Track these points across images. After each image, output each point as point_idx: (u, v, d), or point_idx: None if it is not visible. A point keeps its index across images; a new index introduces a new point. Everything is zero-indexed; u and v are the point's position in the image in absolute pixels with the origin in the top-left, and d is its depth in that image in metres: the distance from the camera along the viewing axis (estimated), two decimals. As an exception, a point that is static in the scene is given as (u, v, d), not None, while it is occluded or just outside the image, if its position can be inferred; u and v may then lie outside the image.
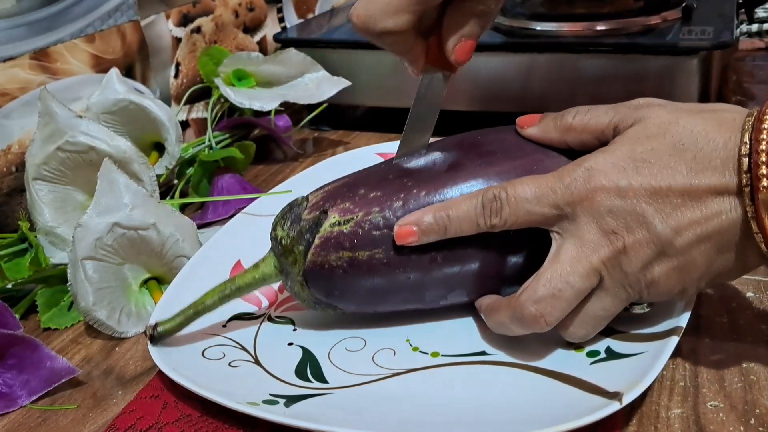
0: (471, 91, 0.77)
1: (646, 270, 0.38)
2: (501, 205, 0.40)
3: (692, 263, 0.38)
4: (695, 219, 0.37)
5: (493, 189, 0.41)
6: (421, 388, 0.42)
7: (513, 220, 0.40)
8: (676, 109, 0.40)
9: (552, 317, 0.39)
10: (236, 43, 0.87)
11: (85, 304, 0.48)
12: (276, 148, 0.81)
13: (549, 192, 0.39)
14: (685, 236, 0.37)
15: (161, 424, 0.41)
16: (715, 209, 0.37)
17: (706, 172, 0.37)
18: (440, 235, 0.42)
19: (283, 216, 0.46)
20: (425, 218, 0.42)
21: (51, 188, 0.57)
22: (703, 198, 0.37)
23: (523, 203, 0.40)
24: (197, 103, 0.81)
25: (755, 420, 0.38)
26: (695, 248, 0.38)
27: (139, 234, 0.50)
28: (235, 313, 0.50)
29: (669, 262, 0.38)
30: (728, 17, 0.75)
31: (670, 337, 0.40)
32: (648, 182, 0.37)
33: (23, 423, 0.43)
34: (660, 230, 0.37)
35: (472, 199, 0.42)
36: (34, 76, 0.62)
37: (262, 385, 0.42)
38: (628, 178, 0.38)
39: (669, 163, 0.37)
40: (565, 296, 0.39)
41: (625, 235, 0.38)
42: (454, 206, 0.42)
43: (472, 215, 0.41)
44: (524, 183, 0.40)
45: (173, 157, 0.65)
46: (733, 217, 0.37)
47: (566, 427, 0.35)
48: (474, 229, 0.42)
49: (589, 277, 0.39)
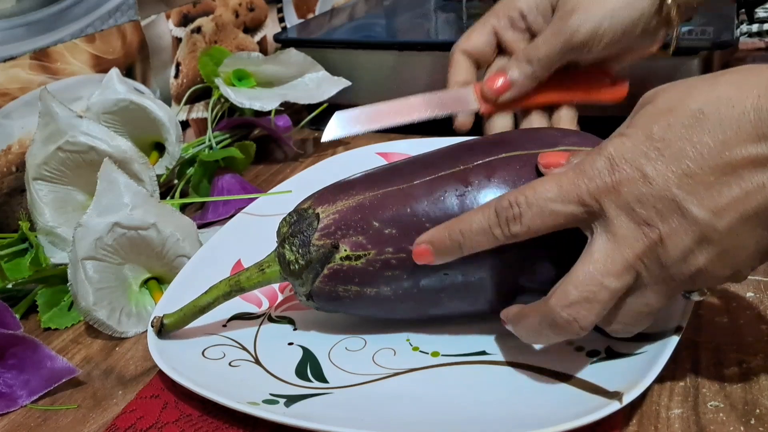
0: (471, 91, 0.77)
1: (688, 260, 0.35)
2: (520, 211, 0.37)
3: (740, 245, 0.34)
4: (735, 197, 0.33)
5: (508, 195, 0.37)
6: (422, 387, 0.42)
7: (538, 225, 0.37)
8: (690, 82, 0.36)
9: (586, 321, 0.36)
10: (236, 43, 0.87)
11: (85, 304, 0.48)
12: (276, 148, 0.81)
13: (573, 188, 0.36)
14: (727, 217, 0.33)
15: (161, 423, 0.41)
16: (756, 182, 0.33)
17: (738, 142, 0.33)
18: (457, 253, 0.40)
19: (291, 233, 0.44)
20: (439, 236, 0.40)
21: (51, 188, 0.57)
22: (739, 171, 0.33)
23: (547, 204, 0.36)
24: (197, 103, 0.81)
25: (755, 420, 0.38)
26: (740, 228, 0.34)
27: (140, 234, 0.50)
28: (235, 313, 0.50)
29: (713, 248, 0.34)
30: (728, 17, 0.75)
31: (671, 337, 0.40)
32: (673, 164, 0.34)
33: (23, 423, 0.43)
34: (697, 215, 0.34)
35: (484, 210, 0.38)
36: (35, 76, 0.62)
37: (262, 385, 0.42)
38: (652, 162, 0.34)
39: (691, 137, 0.34)
40: (599, 298, 0.36)
41: (659, 224, 0.34)
42: (465, 220, 0.39)
43: (485, 227, 0.38)
44: (544, 182, 0.37)
45: (173, 157, 0.65)
46: None
47: (566, 426, 0.35)
48: (492, 242, 0.38)
49: (625, 275, 0.35)
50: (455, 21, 0.88)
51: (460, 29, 0.84)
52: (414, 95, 0.55)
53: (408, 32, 0.86)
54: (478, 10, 0.89)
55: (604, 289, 0.35)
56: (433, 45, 0.79)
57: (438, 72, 0.79)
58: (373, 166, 0.48)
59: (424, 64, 0.78)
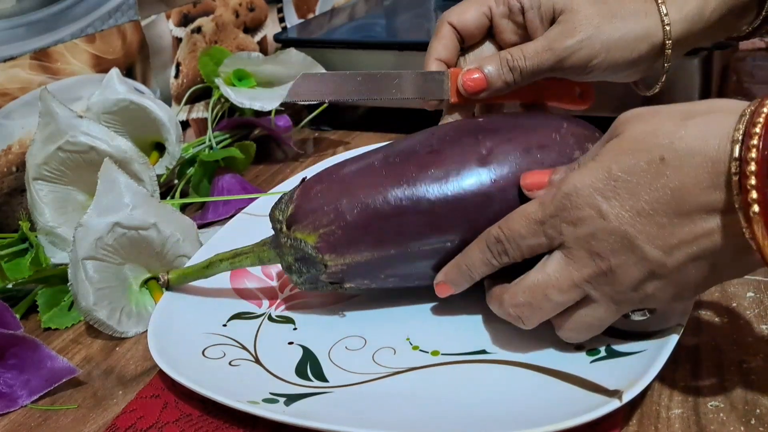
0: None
1: (638, 288, 0.37)
2: (504, 247, 0.41)
3: (687, 279, 0.37)
4: (684, 238, 0.35)
5: (492, 231, 0.42)
6: (421, 386, 0.42)
7: (520, 255, 0.41)
8: (658, 117, 0.37)
9: (529, 321, 0.41)
10: (237, 43, 0.87)
11: (85, 304, 0.48)
12: (276, 148, 0.81)
13: (538, 225, 0.39)
14: (676, 256, 0.36)
15: (162, 423, 0.41)
16: (706, 228, 0.35)
17: (694, 190, 0.34)
18: (470, 282, 0.44)
19: (297, 269, 0.47)
20: (451, 273, 0.45)
21: (51, 188, 0.57)
22: (692, 216, 0.35)
23: (520, 240, 0.40)
24: (198, 103, 0.81)
25: (756, 420, 0.38)
26: (689, 266, 0.36)
27: (140, 234, 0.50)
28: (235, 313, 0.50)
29: (662, 280, 0.37)
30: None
31: (671, 336, 0.40)
32: (629, 204, 0.36)
33: (24, 423, 0.43)
34: (648, 252, 0.36)
35: (479, 245, 0.43)
36: (35, 76, 0.62)
37: (262, 384, 0.42)
38: (608, 200, 0.36)
39: (648, 181, 0.35)
40: (542, 306, 0.40)
41: (610, 257, 0.37)
42: (467, 256, 0.43)
43: (484, 260, 0.42)
44: (515, 219, 0.41)
45: (174, 157, 0.65)
46: (726, 235, 0.34)
47: (566, 425, 0.35)
48: (494, 269, 0.43)
49: (570, 292, 0.39)
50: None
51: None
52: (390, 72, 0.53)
53: (408, 32, 0.86)
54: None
55: (547, 300, 0.39)
56: (433, 45, 0.79)
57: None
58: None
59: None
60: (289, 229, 0.46)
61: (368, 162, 0.47)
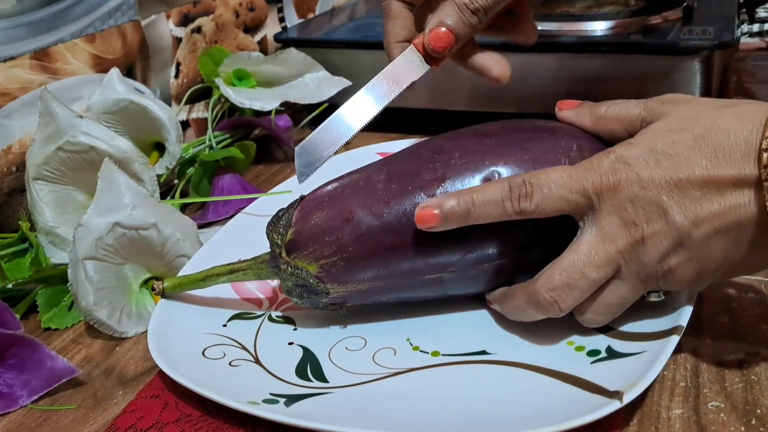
0: (471, 91, 0.77)
1: (663, 261, 0.39)
2: (532, 190, 0.40)
3: (709, 255, 0.38)
4: (714, 211, 0.37)
5: (522, 175, 0.41)
6: (422, 387, 0.42)
7: (545, 205, 0.40)
8: (699, 105, 0.40)
9: (566, 304, 0.40)
10: (237, 43, 0.87)
11: (85, 304, 0.48)
12: (276, 148, 0.81)
13: (581, 180, 0.40)
14: (703, 228, 0.37)
15: (162, 423, 0.41)
16: (734, 201, 0.37)
17: (726, 165, 0.37)
18: (463, 221, 0.42)
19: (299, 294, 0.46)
20: (448, 202, 0.42)
21: (51, 188, 0.57)
22: (722, 190, 0.37)
23: (558, 189, 0.40)
24: (198, 103, 0.81)
25: (756, 420, 0.38)
26: (713, 240, 0.38)
27: (140, 234, 0.50)
28: (235, 313, 0.50)
29: (686, 253, 0.38)
30: (729, 17, 0.75)
31: (671, 337, 0.40)
32: (668, 174, 0.38)
33: (24, 423, 0.43)
34: (678, 222, 0.38)
35: (499, 183, 0.41)
36: (35, 76, 0.62)
37: (262, 385, 0.42)
38: (650, 170, 0.38)
39: (689, 156, 0.38)
40: (580, 285, 0.40)
41: (644, 225, 0.38)
42: (479, 189, 0.42)
43: (498, 198, 0.41)
44: (556, 170, 0.41)
45: (174, 157, 0.65)
46: (752, 210, 0.36)
47: (566, 426, 0.35)
48: (499, 214, 0.41)
49: (605, 267, 0.39)
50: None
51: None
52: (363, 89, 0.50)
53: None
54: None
55: (585, 278, 0.40)
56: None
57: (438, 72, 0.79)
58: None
59: (425, 64, 0.78)
60: (288, 255, 0.45)
61: (370, 185, 0.45)
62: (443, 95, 0.79)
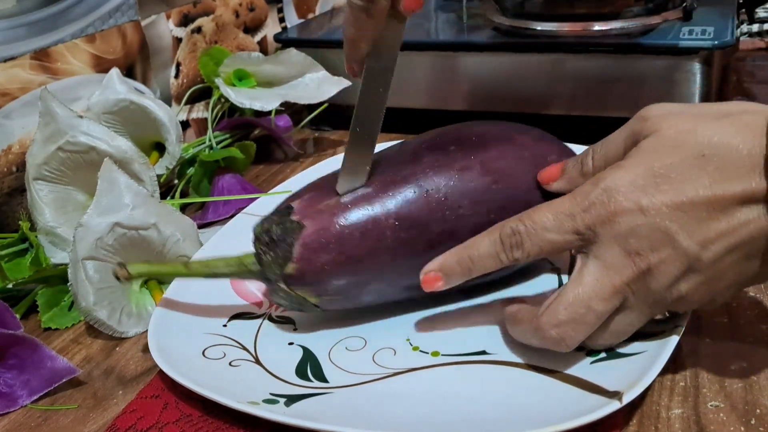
0: (471, 91, 0.77)
1: (673, 287, 0.37)
2: (521, 239, 0.39)
3: (721, 275, 0.37)
4: (722, 231, 0.36)
5: (509, 223, 0.40)
6: (422, 387, 0.42)
7: (537, 251, 0.40)
8: (692, 116, 0.38)
9: (573, 341, 0.39)
10: (237, 43, 0.87)
11: (85, 304, 0.48)
12: (276, 148, 0.81)
13: (568, 218, 0.38)
14: (713, 249, 0.36)
15: (162, 423, 0.41)
16: (742, 218, 0.35)
17: (731, 181, 0.35)
18: (466, 277, 0.42)
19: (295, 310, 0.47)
20: (448, 263, 0.42)
21: (51, 188, 0.57)
22: (728, 208, 0.36)
23: (544, 233, 0.39)
24: (198, 103, 0.81)
25: (756, 420, 0.38)
26: (724, 260, 0.36)
27: (140, 234, 0.50)
28: (235, 313, 0.50)
29: (697, 277, 0.37)
30: (729, 17, 0.75)
31: (671, 337, 0.40)
32: (670, 198, 0.36)
33: (24, 423, 0.43)
34: (686, 246, 0.36)
35: (490, 236, 0.41)
36: (35, 76, 0.62)
37: (262, 385, 0.42)
38: (649, 196, 0.36)
39: (690, 176, 0.36)
40: (587, 320, 0.38)
41: (649, 255, 0.37)
42: (474, 247, 0.41)
43: (492, 252, 0.41)
44: (541, 211, 0.39)
45: (174, 157, 0.65)
46: (762, 224, 0.35)
47: (566, 426, 0.35)
48: (498, 265, 0.41)
49: (612, 299, 0.38)
50: (455, 21, 0.88)
51: (460, 29, 0.84)
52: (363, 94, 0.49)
53: (408, 32, 0.86)
54: (478, 10, 0.89)
55: (592, 311, 0.38)
56: (433, 45, 0.79)
57: (438, 72, 0.79)
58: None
59: (424, 64, 0.78)
60: (287, 285, 0.45)
61: (379, 230, 0.44)
62: (443, 95, 0.79)
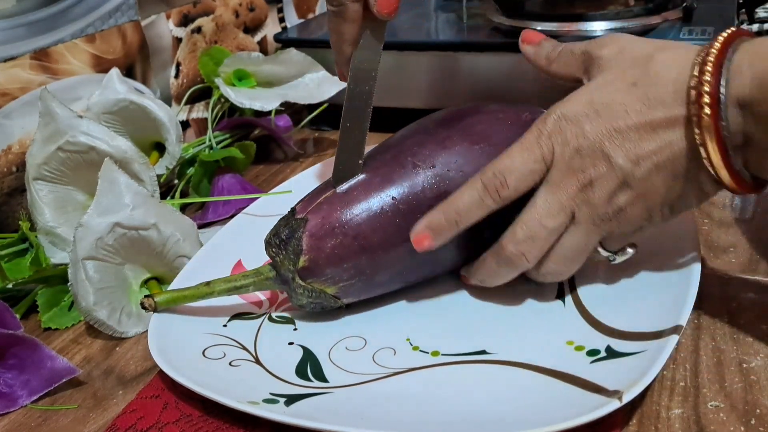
0: (471, 91, 0.77)
1: (612, 200, 0.42)
2: (504, 179, 0.43)
3: (652, 189, 0.41)
4: (651, 150, 0.40)
5: (488, 168, 0.43)
6: (422, 387, 0.42)
7: (520, 184, 0.43)
8: (636, 50, 0.43)
9: (532, 255, 0.43)
10: (237, 43, 0.87)
11: (85, 304, 0.48)
12: (276, 148, 0.81)
13: (535, 148, 0.43)
14: (643, 166, 0.41)
15: (162, 424, 0.41)
16: (667, 139, 0.40)
17: (658, 107, 0.40)
18: (454, 231, 0.44)
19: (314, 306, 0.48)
20: (434, 219, 0.44)
21: (51, 188, 0.57)
22: (656, 130, 0.40)
23: (524, 166, 0.43)
24: (198, 103, 0.81)
25: (756, 420, 0.38)
26: (653, 176, 0.41)
27: (140, 234, 0.50)
28: (235, 313, 0.50)
29: (631, 191, 0.42)
30: (729, 17, 0.75)
31: (671, 336, 0.40)
32: (607, 123, 0.41)
33: (24, 423, 0.43)
34: (621, 163, 0.41)
35: (471, 185, 0.44)
36: (35, 76, 0.62)
37: (262, 385, 0.42)
38: (590, 121, 0.41)
39: (624, 103, 0.41)
40: (541, 235, 0.43)
41: (591, 170, 0.41)
42: (457, 199, 0.44)
43: (477, 199, 0.43)
44: (513, 151, 0.43)
45: (174, 157, 0.65)
46: (683, 146, 0.40)
47: (566, 425, 0.35)
48: (485, 211, 0.44)
49: (560, 214, 0.42)
50: (455, 21, 0.88)
51: (460, 29, 0.84)
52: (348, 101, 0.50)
53: (408, 32, 0.86)
54: (478, 10, 0.89)
55: (544, 228, 0.43)
56: (433, 45, 0.79)
57: (438, 72, 0.79)
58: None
59: (424, 64, 0.78)
60: (303, 280, 0.46)
61: (379, 207, 0.46)
62: (443, 95, 0.79)
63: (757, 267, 0.50)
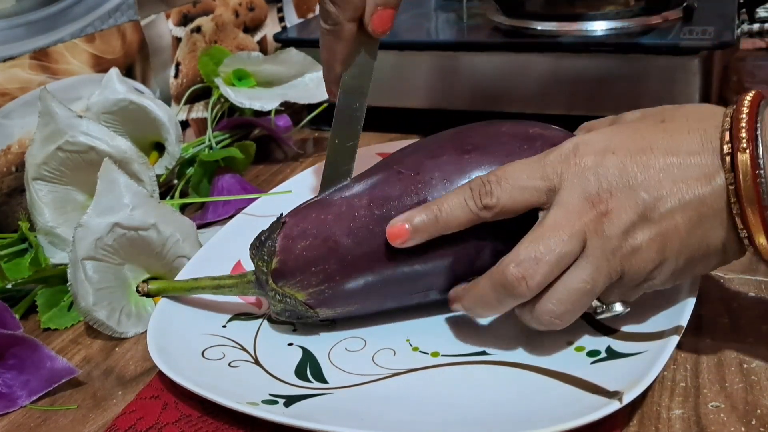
0: (471, 90, 0.77)
1: (629, 235, 0.38)
2: (491, 187, 0.40)
3: (674, 231, 0.38)
4: (675, 188, 0.38)
5: (480, 176, 0.42)
6: (421, 388, 0.42)
7: (506, 198, 0.40)
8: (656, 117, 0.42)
9: (533, 281, 0.38)
10: (236, 42, 0.87)
11: (85, 304, 0.48)
12: (276, 148, 0.81)
13: (541, 165, 0.40)
14: (666, 202, 0.38)
15: (161, 424, 0.41)
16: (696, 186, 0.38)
17: (683, 151, 0.38)
18: (432, 229, 0.42)
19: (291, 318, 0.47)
20: (416, 215, 0.42)
21: (51, 188, 0.57)
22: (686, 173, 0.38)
23: (517, 179, 0.40)
24: (197, 102, 0.81)
25: (756, 421, 0.38)
26: (675, 216, 0.38)
27: (140, 234, 0.50)
28: (235, 314, 0.50)
29: (651, 228, 0.38)
30: (729, 17, 0.75)
31: (671, 337, 0.40)
32: (630, 156, 0.39)
33: (23, 423, 0.43)
34: (644, 196, 0.38)
35: (461, 189, 0.42)
36: (35, 75, 0.62)
37: (261, 385, 0.42)
38: (613, 146, 0.39)
39: (649, 137, 0.39)
40: (547, 259, 0.38)
41: (608, 198, 0.38)
42: (441, 199, 0.42)
43: (461, 201, 0.41)
44: (515, 163, 0.41)
45: (173, 157, 0.65)
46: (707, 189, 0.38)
47: (566, 426, 0.35)
48: (466, 215, 0.41)
49: (571, 241, 0.38)
50: (455, 21, 0.88)
51: (460, 29, 0.84)
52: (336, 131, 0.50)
53: (408, 32, 0.86)
54: (478, 10, 0.88)
55: (551, 251, 0.38)
56: (433, 45, 0.79)
57: (438, 72, 0.79)
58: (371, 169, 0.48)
59: (424, 63, 0.78)
60: (275, 283, 0.45)
61: (352, 211, 0.45)
62: (443, 95, 0.79)
63: (757, 267, 0.50)
